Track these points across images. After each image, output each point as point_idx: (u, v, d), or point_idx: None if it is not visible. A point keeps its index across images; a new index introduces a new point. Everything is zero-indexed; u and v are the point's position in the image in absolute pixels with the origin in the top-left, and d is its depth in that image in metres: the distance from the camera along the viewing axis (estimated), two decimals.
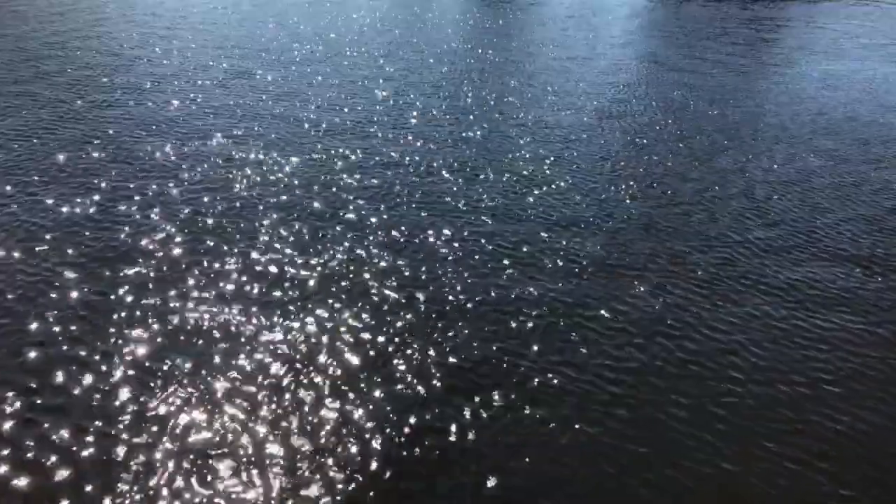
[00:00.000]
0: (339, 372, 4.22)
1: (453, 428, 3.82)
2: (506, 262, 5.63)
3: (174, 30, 14.40)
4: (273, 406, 3.90)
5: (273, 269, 5.33)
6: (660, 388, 4.25)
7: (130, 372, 4.10)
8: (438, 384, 4.16)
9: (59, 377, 4.02)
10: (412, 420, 3.86)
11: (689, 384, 4.30)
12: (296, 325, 4.65)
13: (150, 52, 12.34)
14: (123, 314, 4.65)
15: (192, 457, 3.52)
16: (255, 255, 5.51)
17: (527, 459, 3.64)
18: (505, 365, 4.37)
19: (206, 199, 6.46)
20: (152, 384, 4.01)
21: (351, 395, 4.03)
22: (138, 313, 4.67)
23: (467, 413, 3.94)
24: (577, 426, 3.89)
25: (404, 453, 3.63)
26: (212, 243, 5.65)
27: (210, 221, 6.03)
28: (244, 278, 5.17)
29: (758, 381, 4.36)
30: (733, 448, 3.80)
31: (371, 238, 5.90)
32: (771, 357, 4.61)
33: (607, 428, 3.90)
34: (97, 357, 4.21)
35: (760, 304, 5.24)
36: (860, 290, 5.53)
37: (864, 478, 3.66)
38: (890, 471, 3.72)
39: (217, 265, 5.33)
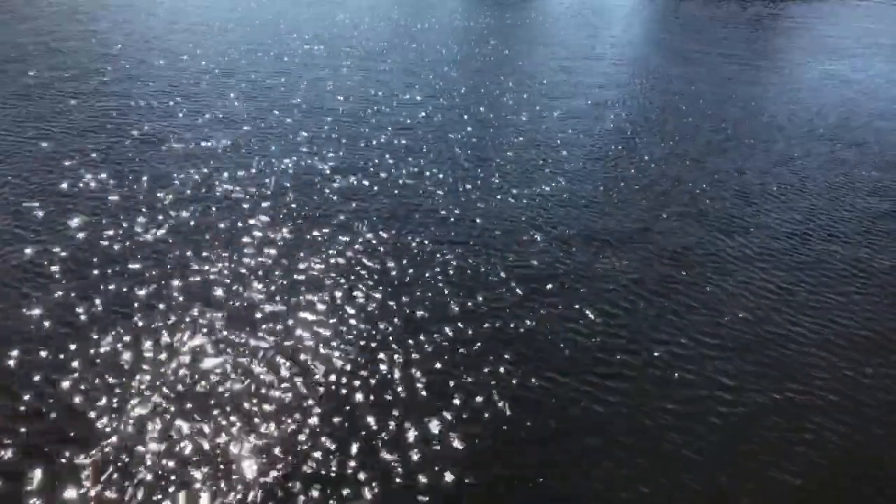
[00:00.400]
0: (328, 374, 4.17)
1: (446, 429, 3.78)
2: (498, 263, 5.59)
3: (172, 30, 14.38)
4: (266, 408, 3.86)
5: (265, 269, 5.28)
6: (656, 390, 4.20)
7: (116, 374, 4.06)
8: (429, 383, 4.12)
9: (38, 378, 3.98)
10: (403, 418, 3.82)
11: (685, 386, 4.25)
12: (288, 324, 4.61)
13: (148, 52, 12.31)
14: (109, 315, 4.60)
15: (176, 462, 3.48)
16: (244, 256, 5.47)
17: (514, 464, 3.60)
18: (495, 367, 4.33)
19: (200, 200, 6.42)
20: (139, 387, 3.97)
21: (342, 397, 3.98)
22: (123, 315, 4.62)
23: (455, 416, 3.90)
24: (570, 428, 3.85)
25: (392, 451, 3.59)
26: (204, 244, 5.61)
27: (204, 221, 5.99)
28: (234, 279, 5.12)
29: (754, 382, 4.32)
30: (729, 450, 3.75)
31: (366, 238, 5.86)
32: (768, 358, 4.56)
33: (601, 429, 3.85)
34: (80, 360, 4.17)
35: (753, 306, 5.20)
36: (856, 294, 5.48)
37: (862, 480, 3.61)
38: (888, 474, 3.67)
39: (207, 266, 5.28)
